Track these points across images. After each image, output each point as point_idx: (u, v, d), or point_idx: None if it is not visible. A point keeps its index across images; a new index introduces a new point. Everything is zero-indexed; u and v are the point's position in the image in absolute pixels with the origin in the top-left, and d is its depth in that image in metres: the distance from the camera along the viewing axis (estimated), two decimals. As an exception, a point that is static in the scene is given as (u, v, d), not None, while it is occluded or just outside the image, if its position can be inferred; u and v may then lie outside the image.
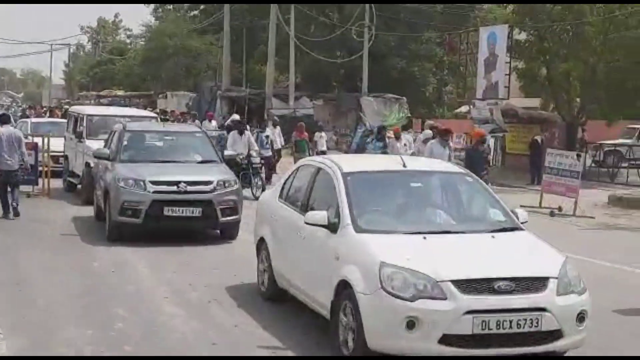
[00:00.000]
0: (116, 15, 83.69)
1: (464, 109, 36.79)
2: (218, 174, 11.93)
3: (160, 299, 8.41)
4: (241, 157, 16.92)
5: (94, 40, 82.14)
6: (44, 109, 39.56)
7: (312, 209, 7.24)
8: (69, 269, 9.81)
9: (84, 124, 16.87)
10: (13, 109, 47.76)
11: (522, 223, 6.96)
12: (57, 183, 17.61)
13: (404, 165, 7.38)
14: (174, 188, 11.33)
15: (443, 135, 15.31)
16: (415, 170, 7.60)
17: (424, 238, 6.43)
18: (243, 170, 17.00)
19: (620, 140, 27.83)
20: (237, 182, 12.09)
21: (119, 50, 71.07)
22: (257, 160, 17.75)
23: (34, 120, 24.93)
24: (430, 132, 18.38)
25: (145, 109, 32.40)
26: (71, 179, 17.47)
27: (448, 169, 8.16)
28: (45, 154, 17.38)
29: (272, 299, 8.17)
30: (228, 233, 12.00)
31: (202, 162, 12.62)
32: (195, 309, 8.03)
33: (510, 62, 27.66)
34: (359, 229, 6.52)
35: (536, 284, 5.96)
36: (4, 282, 8.96)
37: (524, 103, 33.42)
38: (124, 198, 11.30)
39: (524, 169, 24.57)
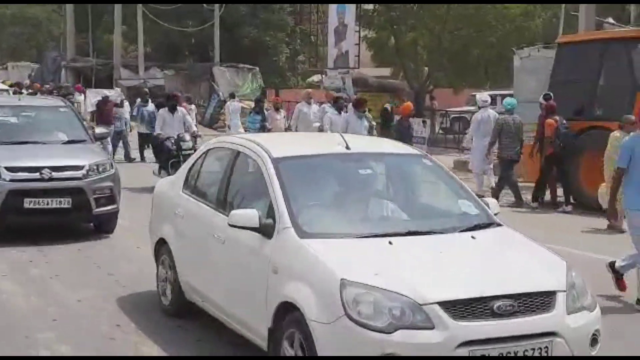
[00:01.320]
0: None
1: (316, 78, 37.05)
2: (90, 156, 10.08)
3: (23, 316, 6.69)
4: (172, 141, 14.00)
5: None
6: None
7: (232, 205, 5.77)
8: None
9: None
10: None
11: (495, 215, 5.72)
12: None
13: (347, 147, 5.81)
14: (36, 175, 9.43)
15: (358, 105, 14.14)
16: (362, 152, 6.11)
17: (390, 243, 5.00)
18: (172, 157, 13.85)
19: (466, 108, 28.87)
20: (113, 166, 10.33)
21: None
22: (189, 144, 14.08)
23: None
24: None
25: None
26: None
27: (400, 150, 6.49)
28: None
29: (179, 315, 6.55)
30: (105, 226, 10.25)
31: (69, 142, 10.62)
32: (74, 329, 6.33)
33: (359, 32, 27.99)
34: (302, 233, 5.02)
35: (542, 300, 4.70)
36: None
37: (375, 72, 34.04)
38: None
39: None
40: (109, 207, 9.96)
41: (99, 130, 12.27)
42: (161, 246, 6.81)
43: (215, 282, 5.89)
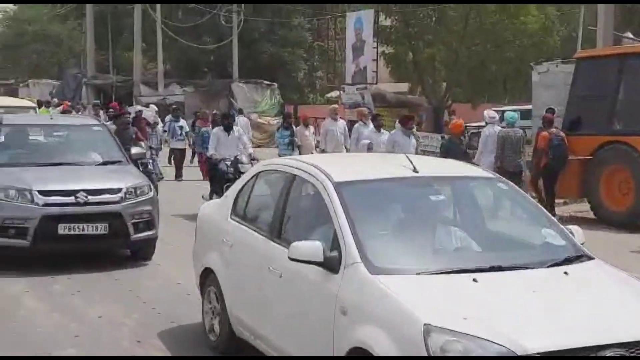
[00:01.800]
0: (-28, 0, 79.22)
1: (334, 94, 37.16)
2: (127, 178, 9.46)
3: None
4: (227, 163, 12.86)
5: (-52, 27, 77.48)
6: None
7: (288, 234, 5.27)
8: None
9: None
10: None
11: (581, 244, 5.10)
12: None
13: (415, 170, 5.25)
14: (71, 199, 8.82)
15: (405, 122, 13.31)
16: (432, 176, 5.49)
17: (474, 280, 4.38)
18: (228, 181, 12.65)
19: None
20: (151, 188, 9.62)
21: (-24, 37, 67.38)
22: (248, 167, 13.10)
23: None
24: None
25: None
26: None
27: (472, 173, 5.86)
28: None
29: (229, 353, 6.02)
30: (142, 253, 9.55)
31: (104, 163, 10.01)
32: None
33: (377, 47, 28.10)
34: (373, 268, 4.43)
35: None
36: None
37: (393, 88, 34.10)
38: (4, 214, 8.79)
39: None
40: (147, 233, 9.31)
41: (135, 150, 11.31)
42: (207, 276, 6.23)
43: (270, 319, 5.34)
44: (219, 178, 12.96)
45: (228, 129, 13.42)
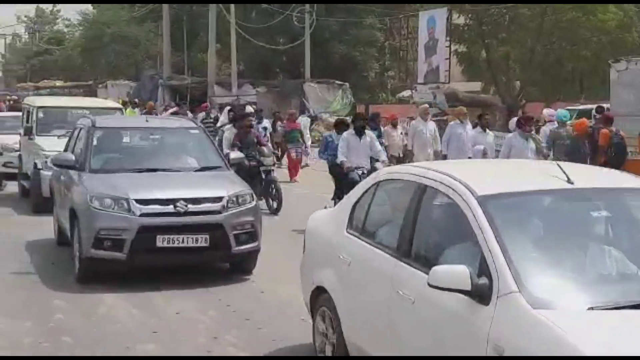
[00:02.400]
0: (54, 5, 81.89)
1: (406, 93, 37.07)
2: (228, 185, 8.80)
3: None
4: (359, 172, 11.44)
5: (31, 30, 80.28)
6: None
7: (421, 255, 4.67)
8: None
9: (34, 118, 14.31)
10: None
11: None
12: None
13: (569, 181, 4.50)
14: (170, 208, 8.20)
15: (523, 124, 11.97)
16: (591, 188, 4.71)
17: None
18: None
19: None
20: (253, 197, 8.90)
21: (57, 40, 69.65)
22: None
23: None
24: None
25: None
26: (25, 183, 14.59)
27: (637, 185, 4.88)
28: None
29: None
30: (242, 266, 8.88)
31: (202, 169, 9.40)
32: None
33: (450, 46, 27.94)
34: (535, 301, 3.77)
35: None
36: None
37: (465, 87, 33.84)
38: (100, 225, 8.15)
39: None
40: (249, 245, 8.60)
41: (234, 154, 10.65)
42: (319, 295, 5.65)
43: (399, 351, 4.67)
44: (347, 189, 11.36)
45: (360, 133, 12.07)
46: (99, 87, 47.35)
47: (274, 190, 13.34)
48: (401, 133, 17.02)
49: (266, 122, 19.63)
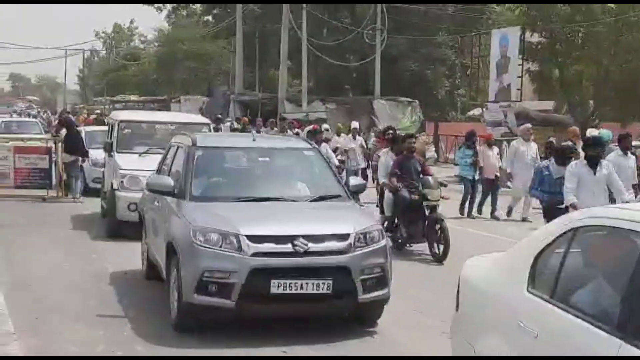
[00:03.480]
0: (131, 21, 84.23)
1: (476, 111, 36.77)
2: (353, 219, 7.39)
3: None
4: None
5: (109, 46, 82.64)
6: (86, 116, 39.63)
7: None
8: (79, 270, 9.90)
9: (114, 133, 13.31)
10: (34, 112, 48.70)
11: None
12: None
13: None
14: (287, 247, 6.82)
15: (622, 140, 11.15)
16: None
17: None
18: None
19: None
20: (383, 234, 7.49)
21: (133, 56, 71.55)
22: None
23: (88, 129, 20.74)
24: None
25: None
26: (104, 203, 13.82)
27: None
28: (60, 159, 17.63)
29: None
30: (368, 317, 7.50)
31: (319, 198, 8.00)
32: None
33: (522, 65, 27.61)
34: None
35: None
36: (15, 283, 9.06)
37: (537, 106, 33.37)
38: (205, 265, 6.81)
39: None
40: (378, 293, 7.20)
41: (354, 181, 8.74)
42: None
43: None
44: None
45: (594, 164, 9.53)
46: (172, 101, 48.37)
47: (440, 231, 11.00)
48: (497, 153, 16.41)
49: (359, 139, 19.24)
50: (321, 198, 8.05)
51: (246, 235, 6.86)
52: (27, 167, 17.20)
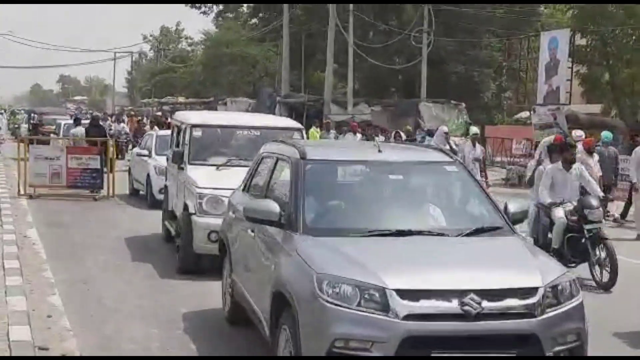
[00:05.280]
0: (178, 24, 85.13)
1: (523, 114, 36.42)
2: (537, 266, 5.39)
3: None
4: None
5: (157, 49, 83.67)
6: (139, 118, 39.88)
7: None
8: (133, 269, 10.07)
9: (186, 140, 10.68)
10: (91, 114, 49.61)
11: None
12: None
13: None
14: (453, 307, 4.89)
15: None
16: None
17: None
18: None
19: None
20: (577, 286, 5.40)
21: (181, 58, 72.34)
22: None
23: (161, 133, 18.15)
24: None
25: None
26: (169, 224, 11.49)
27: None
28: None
29: None
30: None
31: (476, 231, 5.88)
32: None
33: (572, 67, 27.31)
34: None
35: None
36: (72, 281, 9.25)
37: (584, 109, 32.95)
38: (336, 330, 4.89)
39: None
40: None
41: (514, 206, 6.25)
42: None
43: None
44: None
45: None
46: (219, 103, 48.83)
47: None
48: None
49: (479, 148, 16.82)
50: (478, 231, 5.88)
51: (395, 290, 4.90)
52: (79, 167, 17.51)
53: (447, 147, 14.76)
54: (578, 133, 15.23)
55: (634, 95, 27.71)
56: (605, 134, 15.26)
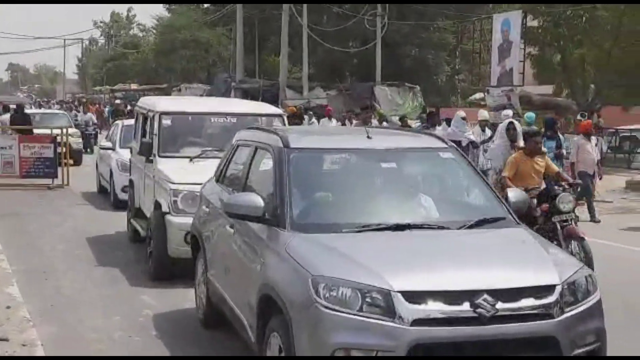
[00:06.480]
0: (129, 10, 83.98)
1: (477, 96, 36.78)
2: (551, 261, 4.90)
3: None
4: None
5: (107, 35, 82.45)
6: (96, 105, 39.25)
7: None
8: (93, 258, 9.95)
9: (154, 129, 9.48)
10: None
11: None
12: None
13: None
14: (465, 309, 4.37)
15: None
16: None
17: None
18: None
19: (637, 126, 27.78)
20: (594, 281, 4.89)
21: (133, 44, 71.41)
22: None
23: (127, 123, 15.43)
24: None
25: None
26: (136, 223, 10.37)
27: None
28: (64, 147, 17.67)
29: None
30: None
31: (478, 223, 5.34)
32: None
33: (524, 49, 27.62)
34: None
35: None
36: (30, 271, 9.11)
37: (536, 90, 33.40)
38: (336, 339, 4.34)
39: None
40: None
41: (514, 195, 5.85)
42: None
43: None
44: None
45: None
46: (173, 90, 48.34)
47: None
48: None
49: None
50: (480, 223, 5.36)
51: (401, 292, 4.34)
52: (32, 157, 17.20)
53: (469, 133, 13.59)
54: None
55: (584, 75, 28.12)
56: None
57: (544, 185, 9.41)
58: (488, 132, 15.85)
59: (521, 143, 10.52)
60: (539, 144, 9.65)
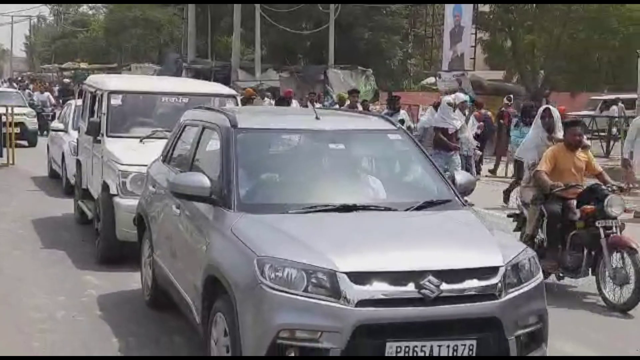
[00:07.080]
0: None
1: (429, 80, 37.04)
2: (495, 242, 4.93)
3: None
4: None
5: (56, 12, 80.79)
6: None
7: None
8: (37, 238, 9.77)
9: (103, 109, 9.25)
10: None
11: None
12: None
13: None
14: (410, 290, 4.38)
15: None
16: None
17: None
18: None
19: (584, 112, 28.29)
20: (537, 263, 4.94)
21: (82, 23, 70.11)
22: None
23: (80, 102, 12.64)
24: None
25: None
26: (84, 205, 10.14)
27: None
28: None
29: None
30: None
31: (425, 205, 5.35)
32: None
33: (475, 34, 27.86)
34: None
35: None
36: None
37: (488, 75, 33.77)
38: (280, 320, 4.32)
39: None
40: (534, 354, 4.79)
41: (461, 177, 5.78)
42: None
43: None
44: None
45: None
46: (123, 69, 47.62)
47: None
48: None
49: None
50: (427, 205, 5.35)
51: (346, 273, 4.33)
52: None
53: (455, 121, 12.70)
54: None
55: (534, 61, 28.51)
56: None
57: (587, 184, 7.91)
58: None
59: (559, 134, 9.26)
60: (577, 135, 7.99)
